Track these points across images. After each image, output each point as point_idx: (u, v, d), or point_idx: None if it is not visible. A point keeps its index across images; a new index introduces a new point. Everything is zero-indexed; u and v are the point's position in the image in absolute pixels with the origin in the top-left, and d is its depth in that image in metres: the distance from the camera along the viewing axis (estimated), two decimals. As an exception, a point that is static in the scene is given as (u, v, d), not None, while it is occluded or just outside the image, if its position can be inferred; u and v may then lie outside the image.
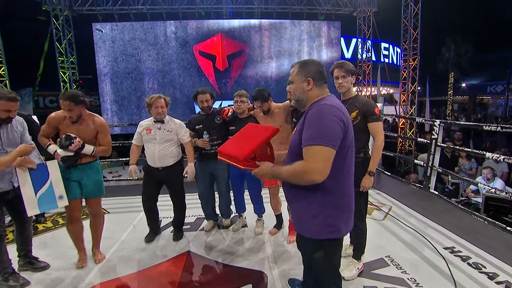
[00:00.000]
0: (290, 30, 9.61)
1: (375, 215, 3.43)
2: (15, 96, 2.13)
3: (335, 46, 9.89)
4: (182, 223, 3.06)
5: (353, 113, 2.15)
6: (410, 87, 8.97)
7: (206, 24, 9.27)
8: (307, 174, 1.25)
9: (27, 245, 2.50)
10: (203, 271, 2.46)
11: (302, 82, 1.42)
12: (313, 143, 1.25)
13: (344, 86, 2.18)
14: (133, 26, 9.01)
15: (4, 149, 2.17)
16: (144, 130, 2.80)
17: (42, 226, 3.49)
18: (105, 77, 9.10)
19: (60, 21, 8.74)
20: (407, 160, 8.35)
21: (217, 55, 9.30)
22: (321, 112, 1.29)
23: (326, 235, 1.36)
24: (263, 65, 9.62)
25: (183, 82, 9.29)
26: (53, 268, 2.51)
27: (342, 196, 1.38)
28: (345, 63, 2.19)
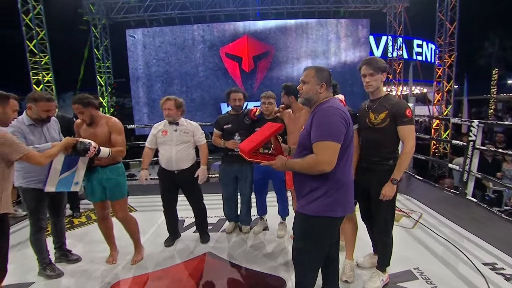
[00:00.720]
0: (317, 30, 9.41)
1: (403, 223, 3.21)
2: (51, 97, 2.35)
3: (364, 45, 9.52)
4: (205, 226, 3.05)
5: (382, 114, 1.97)
6: (446, 85, 8.36)
7: (232, 26, 9.35)
8: (319, 165, 1.49)
9: (61, 238, 2.65)
10: (222, 273, 2.43)
11: (317, 84, 1.62)
12: (322, 139, 1.48)
13: (372, 85, 1.99)
14: (162, 31, 9.32)
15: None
16: (159, 132, 2.75)
17: (77, 221, 3.69)
18: (137, 80, 9.50)
19: (98, 29, 9.28)
20: (441, 164, 7.73)
21: (243, 56, 9.34)
22: (328, 113, 1.53)
23: (323, 213, 1.56)
24: (289, 66, 9.50)
25: (210, 84, 9.44)
26: (85, 261, 2.63)
27: (342, 183, 1.58)
28: (374, 59, 2.00)
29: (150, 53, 9.41)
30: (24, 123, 2.28)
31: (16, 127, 2.22)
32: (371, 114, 2.02)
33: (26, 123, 2.28)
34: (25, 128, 2.26)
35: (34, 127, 2.31)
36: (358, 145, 2.13)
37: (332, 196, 1.55)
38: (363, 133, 2.11)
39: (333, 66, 9.52)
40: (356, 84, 8.86)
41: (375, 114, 2.00)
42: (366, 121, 2.05)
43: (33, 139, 2.28)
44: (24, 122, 2.29)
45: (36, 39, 7.69)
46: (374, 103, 2.04)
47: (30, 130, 2.28)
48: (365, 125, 2.07)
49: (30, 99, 2.30)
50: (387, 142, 2.00)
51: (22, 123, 2.27)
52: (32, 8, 7.56)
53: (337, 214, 1.59)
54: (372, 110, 2.03)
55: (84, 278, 2.37)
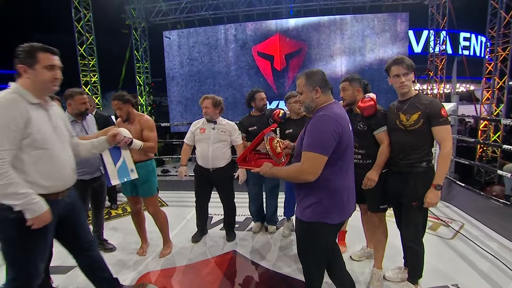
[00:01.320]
0: (352, 26, 9.02)
1: (441, 232, 2.96)
2: (82, 90, 2.58)
3: (402, 40, 8.94)
4: (233, 224, 3.08)
5: (414, 115, 1.84)
6: (498, 82, 7.54)
7: (264, 25, 9.31)
8: (302, 174, 1.50)
9: (100, 228, 2.84)
10: (246, 273, 2.44)
11: (310, 91, 1.58)
12: (310, 150, 1.47)
13: (407, 85, 1.88)
14: (196, 31, 9.56)
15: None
16: (197, 130, 2.81)
17: (114, 212, 3.94)
18: (172, 80, 9.87)
19: (138, 32, 9.79)
20: (489, 170, 6.96)
21: (275, 55, 9.26)
22: (319, 124, 1.50)
23: (318, 219, 1.55)
24: (322, 64, 9.23)
25: (242, 82, 9.50)
26: (118, 250, 2.80)
27: (338, 190, 1.56)
28: (405, 58, 1.88)
29: (184, 53, 9.71)
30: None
31: None
32: (402, 115, 1.90)
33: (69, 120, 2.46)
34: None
35: (75, 123, 2.52)
36: (388, 149, 2.01)
37: (326, 203, 1.54)
38: (393, 135, 1.99)
39: (369, 63, 9.09)
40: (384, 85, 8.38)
41: (407, 115, 1.88)
42: (397, 123, 1.93)
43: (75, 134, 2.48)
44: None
45: (85, 44, 8.32)
46: (404, 103, 1.92)
47: (72, 126, 2.42)
48: (395, 127, 1.94)
49: (67, 96, 2.51)
50: (420, 145, 1.87)
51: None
52: (83, 16, 8.19)
53: (333, 221, 1.56)
54: (403, 111, 1.90)
55: (117, 267, 2.51)
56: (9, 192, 1.38)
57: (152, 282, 2.31)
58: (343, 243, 2.70)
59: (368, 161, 2.11)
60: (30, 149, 1.46)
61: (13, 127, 1.38)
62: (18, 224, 1.45)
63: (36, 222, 1.45)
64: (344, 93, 2.25)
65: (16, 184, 1.39)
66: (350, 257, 2.54)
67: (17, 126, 1.39)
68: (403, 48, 8.92)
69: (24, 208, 1.42)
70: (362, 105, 2.11)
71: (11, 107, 1.40)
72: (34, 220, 1.44)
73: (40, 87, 1.52)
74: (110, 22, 9.75)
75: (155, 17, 9.57)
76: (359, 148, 2.19)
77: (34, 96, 1.50)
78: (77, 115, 2.54)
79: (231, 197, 2.99)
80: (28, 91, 1.49)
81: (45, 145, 1.51)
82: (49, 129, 1.54)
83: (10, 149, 1.39)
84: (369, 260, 2.46)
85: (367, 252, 2.51)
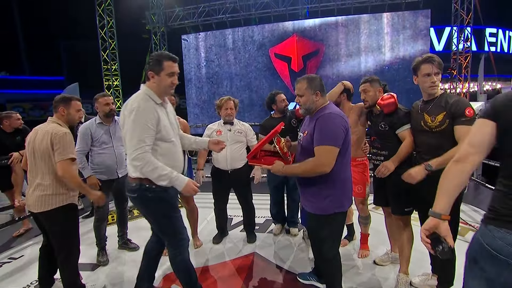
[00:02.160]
0: (370, 25, 8.82)
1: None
2: (106, 93, 2.78)
3: (424, 38, 8.63)
4: (253, 225, 3.09)
5: (439, 116, 1.76)
6: (527, 80, 7.13)
7: (281, 26, 9.28)
8: (320, 167, 1.63)
9: (124, 228, 2.95)
10: (267, 275, 2.43)
11: (311, 95, 1.75)
12: (324, 143, 1.63)
13: (438, 86, 1.81)
14: (213, 34, 9.67)
15: (112, 144, 2.68)
16: (214, 133, 2.82)
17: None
18: (189, 82, 10.02)
19: (157, 37, 10.03)
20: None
21: (292, 56, 9.21)
22: (329, 120, 1.67)
23: (335, 210, 1.73)
24: (340, 64, 9.09)
25: (259, 84, 9.51)
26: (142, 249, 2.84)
27: (345, 181, 1.76)
28: (436, 57, 1.80)
29: (201, 56, 9.84)
30: (94, 122, 2.68)
31: (86, 126, 2.66)
32: (427, 116, 1.82)
33: (96, 121, 2.69)
34: (94, 127, 2.66)
35: (102, 125, 2.68)
36: (411, 145, 1.96)
37: (339, 194, 1.73)
38: (418, 137, 1.92)
39: (388, 62, 8.85)
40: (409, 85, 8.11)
41: (431, 116, 1.80)
42: (421, 124, 1.85)
43: (99, 135, 2.65)
44: (95, 121, 2.70)
45: (108, 49, 8.62)
46: (429, 104, 1.84)
47: (98, 128, 2.67)
48: (420, 128, 1.87)
49: (94, 100, 2.70)
50: (448, 146, 1.74)
51: (93, 122, 2.69)
52: (107, 23, 8.50)
53: (345, 208, 1.78)
54: (427, 112, 1.83)
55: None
56: (156, 176, 1.66)
57: (175, 283, 2.34)
58: (366, 246, 2.64)
59: (392, 163, 2.06)
60: (160, 143, 1.74)
61: (150, 126, 1.67)
62: (158, 200, 1.76)
63: (185, 191, 1.72)
64: (366, 94, 2.20)
65: (160, 168, 1.66)
66: (374, 261, 2.48)
67: (153, 125, 1.68)
68: (424, 46, 8.61)
69: (172, 184, 1.70)
70: (382, 102, 2.06)
71: (148, 109, 1.68)
72: (184, 191, 1.71)
73: (162, 90, 1.78)
74: (131, 27, 10.08)
75: (174, 22, 9.77)
76: (382, 149, 2.14)
77: (158, 97, 1.77)
78: (104, 117, 2.68)
79: (250, 198, 3.00)
80: (154, 92, 1.76)
81: (170, 139, 1.79)
82: (168, 124, 1.82)
83: (150, 144, 1.67)
84: (394, 265, 2.39)
85: (391, 257, 2.45)
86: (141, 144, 1.64)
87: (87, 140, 2.63)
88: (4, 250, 3.08)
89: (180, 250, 1.89)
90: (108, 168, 2.69)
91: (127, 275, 2.48)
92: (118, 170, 2.74)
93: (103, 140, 2.67)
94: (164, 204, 1.80)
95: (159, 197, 1.75)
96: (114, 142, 2.71)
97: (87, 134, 2.63)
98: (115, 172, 2.73)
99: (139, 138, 1.64)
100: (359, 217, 2.62)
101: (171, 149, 1.80)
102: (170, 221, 1.85)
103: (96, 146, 2.67)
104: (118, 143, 2.74)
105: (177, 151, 1.86)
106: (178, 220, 1.87)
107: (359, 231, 2.70)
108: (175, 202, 1.89)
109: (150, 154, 1.66)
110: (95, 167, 2.68)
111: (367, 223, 2.61)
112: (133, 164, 1.67)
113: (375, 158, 2.21)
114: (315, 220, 1.80)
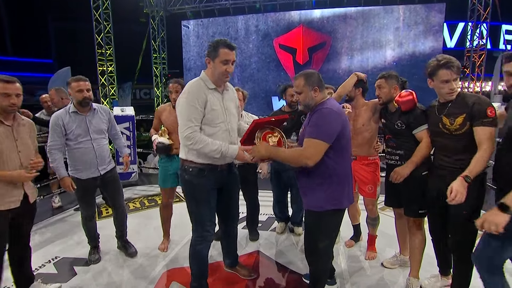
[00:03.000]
0: (381, 18, 8.81)
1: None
2: (82, 77, 2.40)
3: (436, 34, 8.65)
4: (256, 223, 3.11)
5: (459, 118, 1.73)
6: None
7: (287, 16, 9.23)
8: (302, 159, 1.66)
9: (121, 228, 2.75)
10: (271, 274, 2.45)
11: (310, 91, 1.78)
12: (313, 136, 1.66)
13: (456, 92, 1.78)
14: (216, 21, 9.60)
15: (90, 137, 2.42)
16: None
17: (132, 205, 4.06)
18: (189, 71, 9.98)
19: (156, 21, 9.93)
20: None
21: (298, 48, 9.19)
22: (323, 115, 1.70)
23: (331, 206, 1.74)
24: (347, 58, 9.09)
25: (262, 76, 9.50)
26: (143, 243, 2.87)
27: (344, 176, 1.78)
28: (454, 60, 1.76)
29: (203, 44, 9.78)
30: (67, 111, 2.38)
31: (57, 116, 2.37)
32: (445, 118, 1.80)
33: (70, 110, 2.39)
34: (67, 117, 2.36)
35: (76, 115, 2.39)
36: (428, 147, 1.97)
37: (337, 190, 1.74)
38: (437, 139, 1.91)
39: (398, 58, 8.88)
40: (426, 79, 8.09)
41: (450, 119, 1.77)
42: (439, 127, 1.84)
43: (73, 127, 2.36)
44: (68, 109, 2.40)
45: (103, 32, 8.51)
46: (446, 105, 1.82)
47: (72, 118, 2.37)
48: (438, 130, 1.86)
49: (66, 84, 2.41)
50: (470, 148, 1.72)
51: (66, 111, 2.38)
52: (102, 4, 8.37)
53: (342, 206, 1.79)
54: (445, 114, 1.80)
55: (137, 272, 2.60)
56: (208, 151, 1.81)
57: (175, 279, 2.36)
58: (374, 248, 2.67)
59: (407, 163, 2.08)
60: (205, 126, 1.87)
61: (198, 107, 1.82)
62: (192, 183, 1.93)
63: (239, 159, 1.86)
64: (380, 91, 2.20)
65: (209, 143, 1.80)
66: (382, 264, 2.51)
67: (200, 106, 1.83)
68: (437, 42, 8.64)
69: (224, 156, 1.83)
70: (399, 99, 2.06)
71: (196, 91, 1.84)
72: (238, 159, 1.87)
73: (216, 77, 1.90)
74: (128, 10, 9.95)
75: (173, 6, 9.67)
76: (397, 149, 2.15)
77: (212, 83, 1.90)
78: (78, 105, 2.39)
79: (255, 194, 3.02)
80: (209, 78, 1.90)
81: (217, 124, 1.89)
82: (220, 110, 1.91)
83: (198, 124, 1.83)
84: (402, 269, 2.43)
85: (400, 260, 2.48)
86: (189, 124, 1.80)
87: (59, 133, 2.34)
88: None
89: (201, 241, 2.02)
90: (86, 165, 2.43)
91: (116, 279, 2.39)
92: (99, 166, 2.48)
93: (78, 132, 2.38)
94: (197, 188, 1.94)
95: (194, 180, 1.92)
96: (92, 135, 2.43)
97: (58, 125, 2.33)
98: (96, 169, 2.47)
99: (188, 118, 1.81)
100: (368, 218, 2.64)
101: (217, 135, 1.89)
102: (198, 208, 1.98)
103: (71, 139, 2.38)
104: (97, 135, 2.47)
105: (224, 138, 1.91)
106: (207, 210, 1.99)
107: (366, 232, 2.73)
108: (208, 190, 1.97)
109: (198, 133, 1.82)
110: (73, 165, 2.45)
111: (376, 225, 2.64)
112: (184, 144, 1.84)
113: (389, 157, 2.22)
114: (309, 216, 1.84)
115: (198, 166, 1.91)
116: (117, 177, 2.68)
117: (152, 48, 10.18)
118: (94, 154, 2.44)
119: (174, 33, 10.23)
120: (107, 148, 2.61)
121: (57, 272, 2.51)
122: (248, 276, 2.37)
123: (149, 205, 4.10)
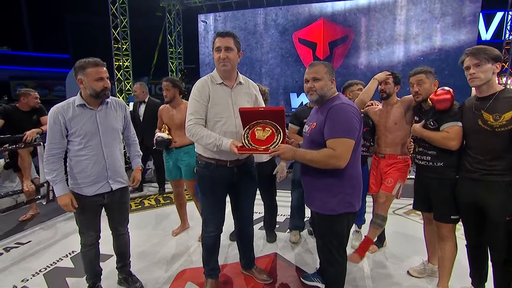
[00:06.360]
0: (407, 10, 8.52)
1: None
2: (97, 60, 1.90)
3: (470, 26, 8.25)
4: (274, 224, 3.09)
5: (507, 114, 1.67)
6: None
7: (307, 9, 9.11)
8: (334, 160, 1.60)
9: (123, 257, 2.28)
10: (287, 278, 2.43)
11: (329, 80, 1.75)
12: (339, 136, 1.61)
13: (479, 78, 1.73)
14: (234, 15, 9.59)
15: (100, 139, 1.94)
16: None
17: (147, 202, 4.15)
18: (206, 66, 10.04)
19: (172, 16, 10.05)
20: None
21: (318, 42, 9.06)
22: (343, 111, 1.65)
23: (344, 210, 1.71)
24: (370, 53, 8.87)
25: (281, 72, 9.42)
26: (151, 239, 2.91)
27: (356, 178, 1.74)
28: (481, 48, 1.75)
29: (220, 39, 9.80)
30: (71, 104, 1.89)
31: (56, 110, 1.87)
32: (487, 115, 1.75)
33: (75, 103, 1.90)
34: (69, 112, 1.87)
35: (84, 109, 1.90)
36: (458, 145, 1.91)
37: (350, 192, 1.71)
38: (473, 138, 1.85)
39: (425, 52, 8.57)
40: (456, 75, 7.78)
41: (495, 114, 1.72)
42: (479, 124, 1.78)
43: (78, 125, 1.87)
44: (73, 102, 1.90)
45: (119, 27, 8.69)
46: (485, 100, 1.76)
47: (77, 113, 1.88)
48: (477, 128, 1.80)
49: (76, 69, 1.87)
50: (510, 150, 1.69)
51: (69, 104, 1.89)
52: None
53: (355, 209, 1.75)
54: (486, 110, 1.75)
55: (154, 258, 2.63)
56: (204, 144, 1.90)
57: (190, 280, 2.38)
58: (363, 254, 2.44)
59: (440, 164, 2.00)
60: (208, 120, 1.96)
61: (200, 100, 1.93)
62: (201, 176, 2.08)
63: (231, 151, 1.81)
64: (420, 87, 2.12)
65: (205, 136, 1.88)
66: (408, 272, 2.43)
67: (203, 100, 1.93)
68: (470, 34, 8.22)
69: (220, 149, 1.86)
70: (435, 97, 1.99)
71: (201, 86, 1.96)
72: (230, 151, 1.81)
73: (218, 68, 1.98)
74: (144, 4, 10.11)
75: (190, 0, 9.75)
76: (429, 149, 2.07)
77: (220, 77, 1.99)
78: (91, 97, 1.89)
79: (273, 195, 3.00)
80: (217, 73, 2.00)
81: (217, 118, 1.95)
82: (225, 105, 1.97)
83: (200, 117, 1.93)
84: (431, 279, 2.34)
85: (428, 269, 2.40)
86: (190, 117, 1.93)
87: (60, 133, 1.85)
88: (10, 235, 3.19)
89: (207, 231, 2.15)
90: (93, 177, 1.93)
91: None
92: (110, 179, 1.99)
93: (83, 132, 1.87)
94: (204, 181, 2.07)
95: (201, 172, 2.06)
96: (102, 137, 1.93)
97: (58, 122, 1.84)
98: (106, 183, 1.98)
99: (190, 111, 1.94)
100: (374, 217, 2.47)
101: (219, 129, 1.95)
102: (204, 200, 2.11)
103: (73, 142, 1.88)
104: (109, 137, 1.97)
105: (225, 132, 1.94)
106: (211, 202, 2.09)
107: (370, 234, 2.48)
108: (213, 184, 2.05)
109: (197, 126, 1.91)
110: (74, 177, 1.92)
111: (380, 227, 2.45)
112: (187, 136, 1.97)
113: (420, 158, 2.15)
114: (322, 220, 1.79)
115: (205, 160, 2.03)
116: (128, 198, 2.25)
117: (168, 42, 10.31)
118: (104, 162, 1.95)
119: (191, 28, 10.31)
120: (121, 155, 2.11)
121: (74, 266, 2.59)
122: (264, 280, 2.36)
123: (164, 202, 4.18)
